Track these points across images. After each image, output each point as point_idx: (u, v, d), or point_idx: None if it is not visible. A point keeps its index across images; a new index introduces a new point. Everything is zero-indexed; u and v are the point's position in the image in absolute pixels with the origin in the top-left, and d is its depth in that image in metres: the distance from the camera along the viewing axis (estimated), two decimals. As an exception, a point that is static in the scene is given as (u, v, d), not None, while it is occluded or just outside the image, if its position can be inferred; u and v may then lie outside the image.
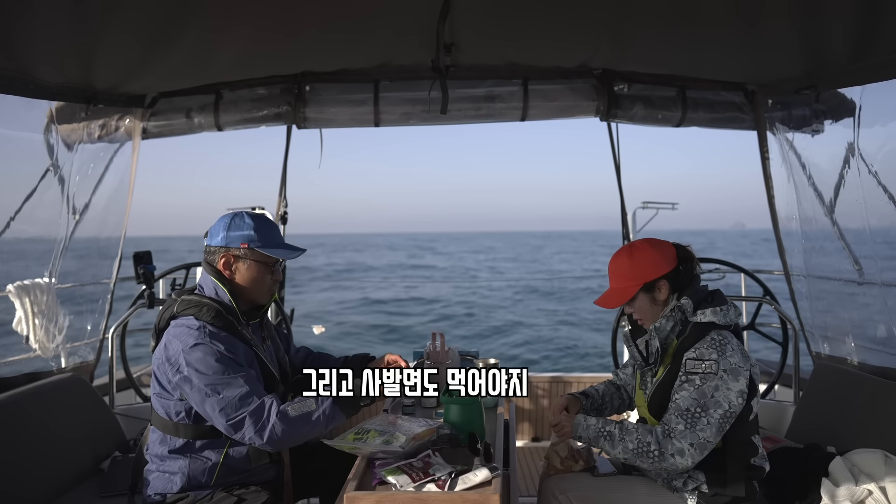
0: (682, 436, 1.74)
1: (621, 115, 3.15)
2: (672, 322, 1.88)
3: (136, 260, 2.93)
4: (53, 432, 2.39)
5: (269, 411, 1.73)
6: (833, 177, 2.84)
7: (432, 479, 1.57)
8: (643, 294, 1.91)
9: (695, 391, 1.76)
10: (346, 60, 3.00)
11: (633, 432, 1.81)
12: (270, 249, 1.93)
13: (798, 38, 2.44)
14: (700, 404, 1.75)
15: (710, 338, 1.81)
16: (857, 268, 2.86)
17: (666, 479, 1.90)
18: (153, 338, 1.96)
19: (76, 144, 2.91)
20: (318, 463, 2.12)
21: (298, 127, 3.21)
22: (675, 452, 1.74)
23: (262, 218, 1.99)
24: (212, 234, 1.95)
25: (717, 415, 1.74)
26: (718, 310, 1.85)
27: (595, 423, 1.88)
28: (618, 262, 1.97)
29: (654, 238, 1.98)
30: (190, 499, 1.85)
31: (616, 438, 1.83)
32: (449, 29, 2.58)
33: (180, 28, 2.35)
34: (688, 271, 1.95)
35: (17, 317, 2.72)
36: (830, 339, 2.96)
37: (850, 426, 2.42)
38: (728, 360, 1.77)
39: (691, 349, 1.81)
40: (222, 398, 1.72)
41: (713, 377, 1.75)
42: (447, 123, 3.20)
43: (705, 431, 1.73)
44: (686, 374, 1.80)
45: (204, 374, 1.74)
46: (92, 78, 2.70)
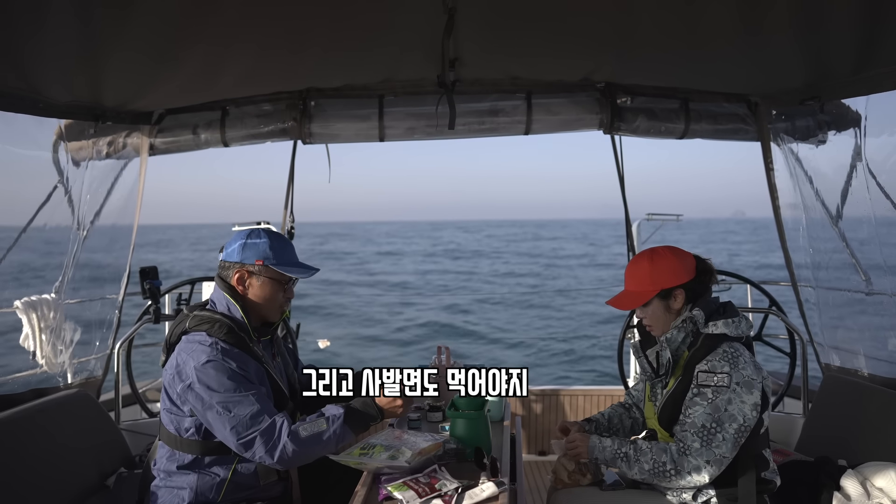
0: (698, 454, 1.73)
1: (624, 127, 3.16)
2: (683, 333, 1.87)
3: (142, 275, 2.94)
4: (59, 448, 2.38)
5: (280, 431, 1.73)
6: (839, 187, 2.83)
7: (439, 494, 1.56)
8: (658, 300, 1.90)
9: (708, 406, 1.74)
10: (350, 76, 3.03)
11: (648, 452, 1.79)
12: (285, 267, 1.94)
13: (801, 49, 2.45)
14: (714, 419, 1.73)
15: (723, 350, 1.79)
16: (865, 279, 2.84)
17: (676, 492, 1.88)
18: (164, 352, 1.97)
19: (84, 161, 2.95)
20: (325, 478, 2.11)
21: (304, 142, 3.23)
22: (691, 470, 1.72)
23: (278, 236, 2.00)
24: (227, 249, 1.97)
25: (731, 429, 1.73)
26: (730, 321, 1.84)
27: (611, 445, 1.86)
28: (638, 265, 1.95)
29: (676, 247, 1.97)
30: None
31: (632, 459, 1.81)
32: (453, 44, 2.60)
33: (187, 46, 2.38)
34: (704, 284, 1.93)
35: (25, 332, 2.73)
36: (840, 350, 2.93)
37: (861, 439, 2.39)
38: (741, 373, 1.76)
39: (703, 361, 1.80)
40: (233, 416, 1.73)
41: (726, 390, 1.74)
42: (452, 138, 3.22)
43: (721, 448, 1.72)
44: (698, 386, 1.78)
45: (215, 392, 1.74)
46: (100, 96, 2.73)
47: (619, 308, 1.96)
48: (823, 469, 2.18)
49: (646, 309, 1.93)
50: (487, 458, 1.76)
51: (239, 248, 1.94)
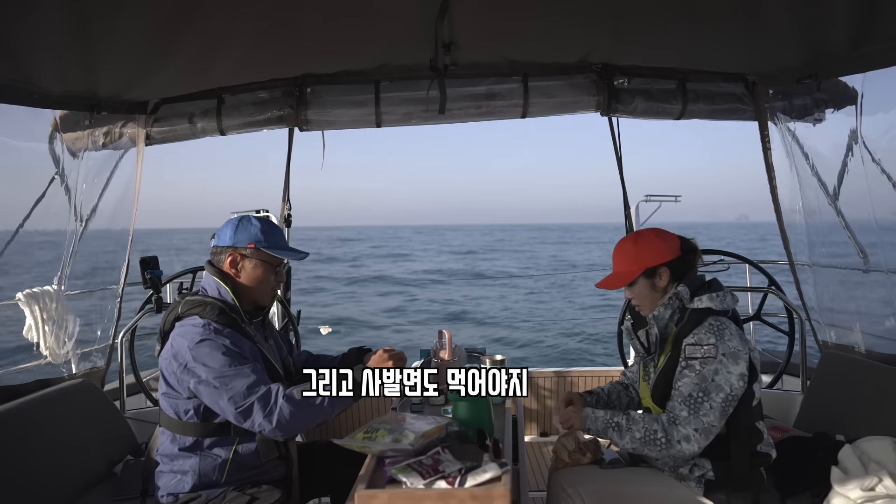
0: (686, 422, 1.76)
1: (622, 109, 3.14)
2: (670, 310, 1.93)
3: (142, 265, 2.95)
4: (66, 437, 2.41)
5: (276, 396, 1.77)
6: (836, 165, 2.83)
7: (442, 475, 1.58)
8: (644, 279, 1.97)
9: (696, 376, 1.79)
10: (346, 62, 3.01)
11: (640, 421, 1.83)
12: (276, 250, 2.00)
13: (797, 28, 2.44)
14: (702, 389, 1.77)
15: (708, 323, 1.84)
16: (862, 256, 2.86)
17: (672, 467, 1.91)
18: (159, 341, 2.00)
19: (81, 152, 2.94)
20: (329, 463, 2.14)
21: (300, 129, 3.22)
22: (681, 439, 1.77)
23: (268, 221, 2.06)
24: (219, 235, 2.02)
25: (719, 399, 1.77)
26: (715, 296, 1.89)
27: (603, 415, 1.91)
28: (623, 247, 2.03)
29: (660, 228, 2.04)
30: (202, 499, 1.87)
31: (623, 429, 1.85)
32: (448, 28, 2.59)
33: (181, 33, 2.36)
34: (690, 263, 2.00)
35: (28, 324, 2.74)
36: (837, 327, 2.96)
37: (859, 414, 2.42)
38: (727, 345, 1.80)
39: (690, 335, 1.85)
40: (230, 388, 1.76)
41: (712, 360, 1.78)
42: (448, 122, 3.20)
43: (708, 416, 1.76)
44: (686, 359, 1.83)
45: (211, 368, 1.78)
46: (95, 86, 2.72)
47: (607, 288, 2.05)
48: (821, 444, 2.22)
49: (633, 288, 2.00)
50: (490, 439, 1.78)
51: (231, 232, 1.99)
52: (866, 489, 1.97)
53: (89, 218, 3.04)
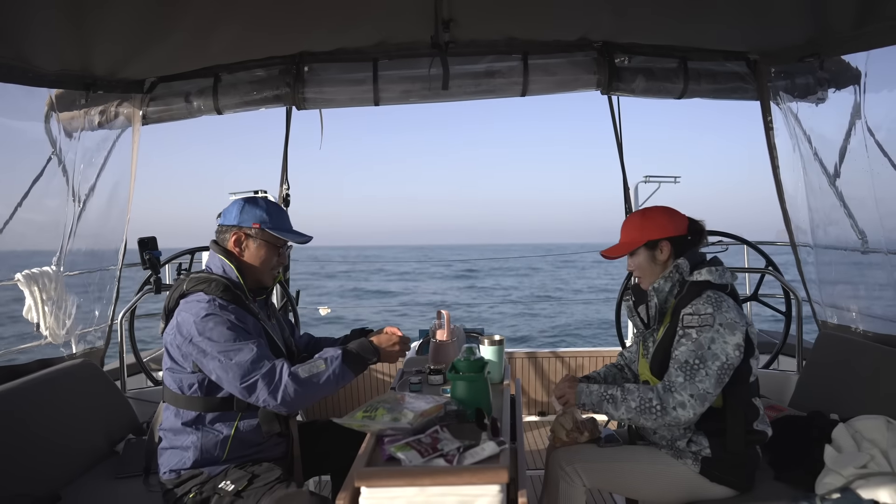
0: (681, 388, 1.79)
1: (622, 87, 3.12)
2: (670, 283, 1.97)
3: (141, 246, 2.94)
4: (68, 417, 2.43)
5: (280, 373, 1.80)
6: (838, 145, 2.81)
7: (441, 454, 1.59)
8: (645, 250, 2.02)
9: (692, 344, 1.82)
10: (343, 39, 2.97)
11: (635, 391, 1.87)
12: (280, 232, 2.03)
13: (800, 5, 2.40)
14: (698, 356, 1.80)
15: (706, 295, 1.87)
16: (861, 237, 2.85)
17: (670, 441, 1.93)
18: (162, 319, 2.02)
19: (77, 132, 2.91)
20: (328, 441, 2.17)
21: (298, 108, 3.20)
22: (676, 405, 1.79)
23: (274, 203, 2.08)
24: (225, 214, 2.04)
25: (714, 366, 1.79)
26: (714, 269, 1.93)
27: (597, 389, 1.95)
28: (631, 219, 2.09)
29: (671, 207, 2.08)
30: (204, 475, 1.90)
31: (619, 400, 1.88)
32: (447, 4, 2.55)
33: (177, 11, 2.33)
34: (694, 242, 2.03)
35: (27, 305, 2.75)
36: (836, 308, 2.97)
37: (854, 394, 2.44)
38: (724, 315, 1.83)
39: (688, 306, 1.88)
40: (235, 363, 1.78)
41: (709, 329, 1.81)
42: (447, 100, 3.17)
43: (704, 383, 1.79)
44: (683, 328, 1.86)
45: (216, 342, 1.80)
46: (90, 64, 2.69)
47: (609, 255, 2.10)
48: (815, 423, 2.24)
49: (633, 258, 2.06)
50: (488, 418, 1.80)
51: (237, 211, 2.02)
52: (859, 467, 1.99)
53: (87, 198, 3.03)
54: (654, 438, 2.01)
